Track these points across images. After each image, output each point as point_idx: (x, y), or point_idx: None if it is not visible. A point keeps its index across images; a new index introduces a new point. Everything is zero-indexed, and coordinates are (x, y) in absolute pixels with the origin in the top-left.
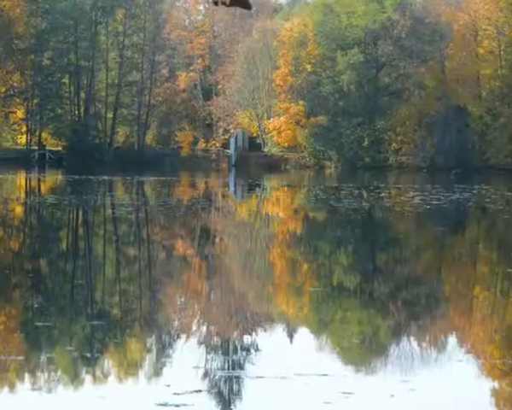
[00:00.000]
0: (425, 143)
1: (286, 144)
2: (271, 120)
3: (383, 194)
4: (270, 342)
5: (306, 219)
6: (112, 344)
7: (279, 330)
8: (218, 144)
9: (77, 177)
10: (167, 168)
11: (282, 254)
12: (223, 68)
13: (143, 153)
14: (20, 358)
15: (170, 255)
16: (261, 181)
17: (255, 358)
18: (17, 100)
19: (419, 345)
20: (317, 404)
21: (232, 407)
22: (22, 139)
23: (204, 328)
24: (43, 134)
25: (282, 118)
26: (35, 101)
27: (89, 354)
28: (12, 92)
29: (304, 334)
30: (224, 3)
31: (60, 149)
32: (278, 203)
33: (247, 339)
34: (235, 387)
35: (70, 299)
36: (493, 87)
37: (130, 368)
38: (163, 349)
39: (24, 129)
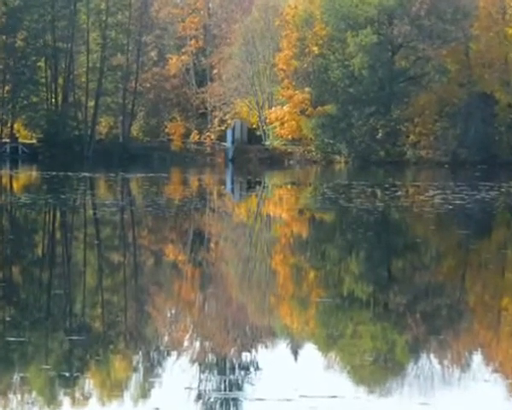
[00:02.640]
0: (447, 134)
1: (290, 137)
2: (273, 109)
3: (399, 192)
4: (272, 359)
5: (313, 221)
6: (93, 362)
7: (282, 347)
8: (213, 136)
9: (54, 173)
10: (156, 164)
11: (286, 260)
12: (219, 51)
13: (129, 146)
14: None
15: (159, 262)
16: (262, 178)
17: (255, 377)
18: None
19: (440, 363)
20: None
21: None
22: None
23: (198, 344)
24: (15, 125)
25: (285, 107)
26: (6, 87)
27: (67, 374)
28: None
29: (310, 351)
30: None
31: (34, 141)
32: (281, 203)
33: (245, 356)
34: None
35: (46, 311)
36: None
37: (114, 389)
38: (151, 368)
39: None
